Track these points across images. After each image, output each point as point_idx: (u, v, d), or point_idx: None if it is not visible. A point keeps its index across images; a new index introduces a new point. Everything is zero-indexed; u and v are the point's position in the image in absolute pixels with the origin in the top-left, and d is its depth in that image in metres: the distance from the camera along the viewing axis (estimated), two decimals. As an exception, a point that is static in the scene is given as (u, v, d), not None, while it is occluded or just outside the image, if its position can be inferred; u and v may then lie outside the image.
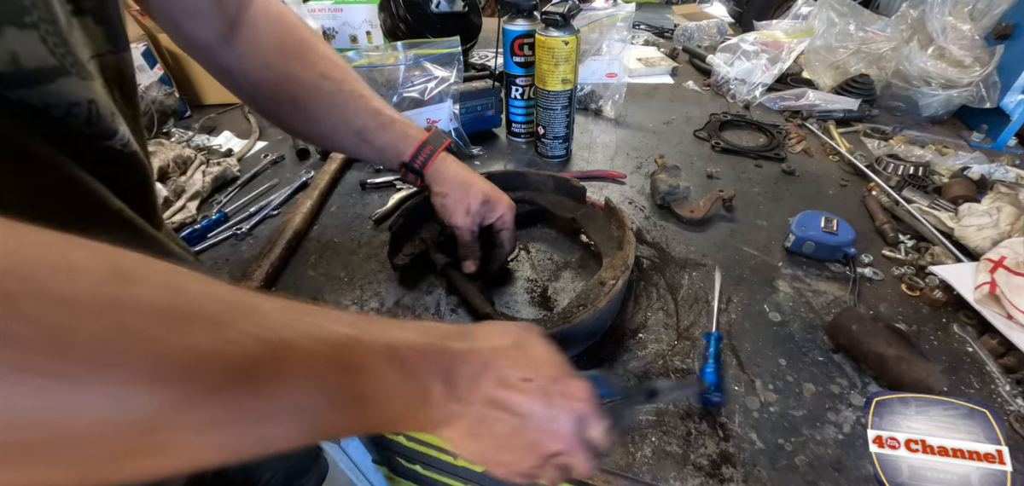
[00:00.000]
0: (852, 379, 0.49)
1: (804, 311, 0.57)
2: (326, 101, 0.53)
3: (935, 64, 0.95)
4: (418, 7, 1.08)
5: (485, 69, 1.20)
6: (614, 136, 0.96)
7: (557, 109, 0.80)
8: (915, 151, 0.85)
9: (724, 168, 0.85)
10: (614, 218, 0.61)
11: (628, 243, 0.55)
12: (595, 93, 1.05)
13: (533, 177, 0.71)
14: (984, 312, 0.53)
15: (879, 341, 0.48)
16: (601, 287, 0.51)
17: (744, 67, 1.12)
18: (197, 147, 0.88)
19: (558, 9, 0.72)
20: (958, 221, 0.66)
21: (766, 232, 0.69)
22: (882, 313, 0.56)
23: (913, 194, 0.74)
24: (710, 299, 0.57)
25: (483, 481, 0.67)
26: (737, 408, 0.47)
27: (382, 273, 0.62)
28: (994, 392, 0.48)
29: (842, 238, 0.62)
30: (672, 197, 0.72)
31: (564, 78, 0.77)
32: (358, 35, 1.34)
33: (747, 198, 0.77)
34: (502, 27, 0.80)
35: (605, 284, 0.51)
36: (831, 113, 1.01)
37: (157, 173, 0.75)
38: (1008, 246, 0.57)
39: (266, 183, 0.80)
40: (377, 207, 0.73)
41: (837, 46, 1.09)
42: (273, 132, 0.97)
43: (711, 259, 0.64)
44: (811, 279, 0.61)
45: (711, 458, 0.43)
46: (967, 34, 0.93)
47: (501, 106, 0.93)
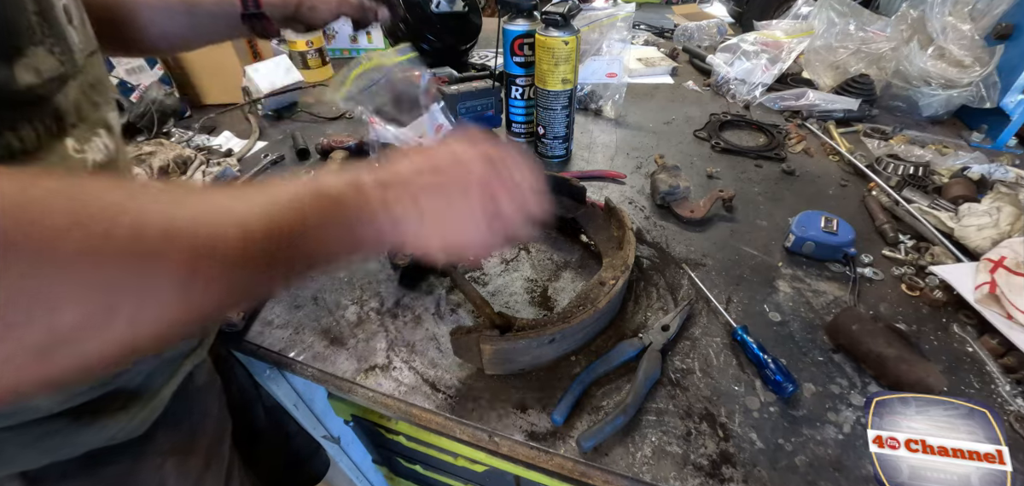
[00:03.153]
0: (852, 379, 0.49)
1: (804, 311, 0.57)
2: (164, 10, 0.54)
3: (935, 64, 0.95)
4: (418, 7, 1.08)
5: (485, 69, 1.20)
6: (614, 136, 0.96)
7: (557, 109, 0.80)
8: (915, 151, 0.85)
9: (724, 168, 0.85)
10: (614, 218, 0.61)
11: (628, 243, 0.55)
12: (595, 93, 1.05)
13: None
14: (984, 312, 0.53)
15: (879, 341, 0.48)
16: (601, 287, 0.51)
17: (744, 67, 1.12)
18: (197, 147, 0.88)
19: (558, 9, 0.72)
20: (958, 221, 0.66)
21: (766, 232, 0.69)
22: (882, 313, 0.56)
23: (913, 194, 0.74)
24: (710, 299, 0.57)
25: (483, 481, 0.67)
26: (737, 408, 0.46)
27: (382, 273, 0.62)
28: (994, 392, 0.48)
29: (842, 238, 0.62)
30: (672, 197, 0.72)
31: (564, 78, 0.77)
32: (358, 35, 1.34)
33: (747, 198, 0.77)
34: (502, 27, 0.80)
35: (605, 284, 0.51)
36: (831, 113, 1.01)
37: (157, 173, 0.75)
38: (1008, 246, 0.57)
39: (266, 183, 0.80)
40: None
41: (837, 46, 1.09)
42: (273, 132, 0.97)
43: (711, 259, 0.64)
44: (811, 279, 0.61)
45: (711, 458, 0.43)
46: (967, 34, 0.93)
47: (501, 106, 0.93)
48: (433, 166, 0.33)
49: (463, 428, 0.47)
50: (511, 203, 0.34)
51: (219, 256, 0.23)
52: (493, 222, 0.34)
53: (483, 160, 0.34)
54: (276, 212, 0.26)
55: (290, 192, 0.28)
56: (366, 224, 0.31)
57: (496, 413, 0.47)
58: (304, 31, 0.69)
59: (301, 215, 0.27)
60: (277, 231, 0.26)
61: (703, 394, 0.48)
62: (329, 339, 0.54)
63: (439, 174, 0.33)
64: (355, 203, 0.30)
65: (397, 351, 0.53)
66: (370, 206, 0.31)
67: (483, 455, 0.48)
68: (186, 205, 0.24)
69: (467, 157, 0.34)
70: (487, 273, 0.63)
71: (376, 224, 0.31)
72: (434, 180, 0.33)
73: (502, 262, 0.64)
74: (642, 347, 0.50)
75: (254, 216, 0.25)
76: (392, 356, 0.52)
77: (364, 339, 0.54)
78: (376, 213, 0.31)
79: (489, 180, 0.34)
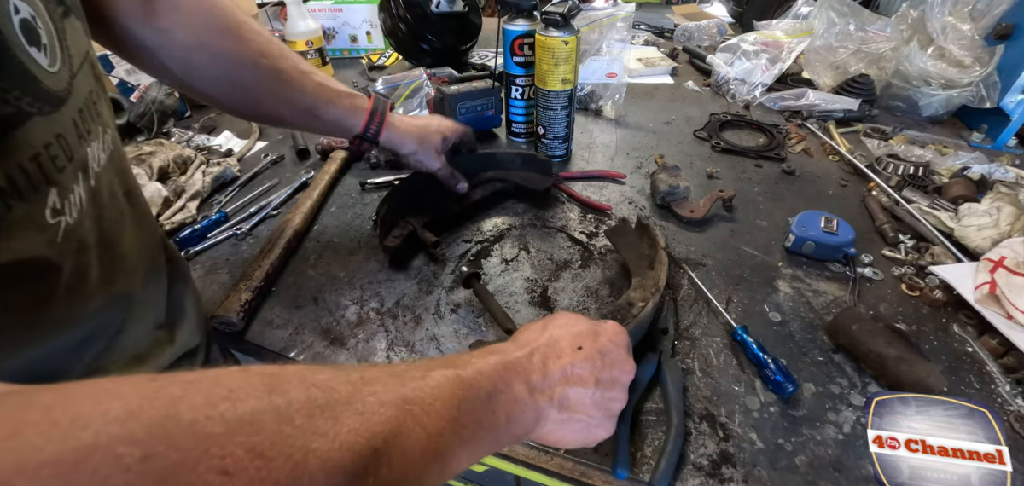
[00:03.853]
0: (852, 379, 0.49)
1: (804, 311, 0.57)
2: (269, 80, 0.53)
3: (935, 64, 0.95)
4: (418, 7, 1.08)
5: (485, 69, 1.20)
6: (614, 136, 0.96)
7: (557, 109, 0.80)
8: (915, 151, 0.85)
9: (724, 168, 0.85)
10: (646, 236, 0.59)
11: (660, 263, 0.54)
12: (595, 93, 1.05)
13: (501, 156, 0.76)
14: (984, 312, 0.53)
15: (879, 341, 0.48)
16: (629, 308, 0.48)
17: (744, 67, 1.12)
18: (197, 147, 0.88)
19: (558, 9, 0.72)
20: (958, 221, 0.66)
21: (766, 232, 0.69)
22: (882, 313, 0.56)
23: (913, 194, 0.74)
24: (710, 299, 0.57)
25: (483, 481, 0.67)
26: (737, 408, 0.46)
27: (382, 273, 0.62)
28: (994, 392, 0.48)
29: (842, 238, 0.62)
30: (672, 197, 0.72)
31: (564, 78, 0.77)
32: (358, 35, 1.34)
33: (747, 198, 0.77)
34: (502, 27, 0.80)
35: (634, 305, 0.49)
36: (831, 113, 1.01)
37: (157, 173, 0.75)
38: (1008, 246, 0.57)
39: (266, 183, 0.80)
40: (376, 208, 0.73)
41: (837, 46, 1.09)
42: (273, 132, 0.97)
43: (711, 259, 0.64)
44: (811, 279, 0.61)
45: (711, 458, 0.43)
46: (967, 34, 0.93)
47: (501, 106, 0.93)
48: (572, 363, 0.35)
49: (463, 428, 0.47)
50: (624, 396, 0.38)
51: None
52: (615, 416, 0.37)
53: (623, 362, 0.38)
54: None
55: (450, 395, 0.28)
56: (514, 424, 0.32)
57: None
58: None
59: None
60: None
61: (703, 394, 0.48)
62: (329, 339, 0.54)
63: (579, 370, 0.35)
64: (507, 397, 0.32)
65: (397, 351, 0.53)
66: (521, 403, 0.32)
67: (483, 455, 0.48)
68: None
69: (599, 349, 0.37)
70: (487, 273, 0.63)
71: (523, 422, 0.33)
72: (577, 377, 0.35)
73: (502, 262, 0.64)
74: (658, 358, 0.49)
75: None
76: (392, 356, 0.52)
77: (364, 339, 0.54)
78: (525, 409, 0.32)
79: (617, 377, 0.37)
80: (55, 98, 0.28)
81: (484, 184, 0.74)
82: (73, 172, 0.29)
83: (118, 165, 0.38)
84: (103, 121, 0.35)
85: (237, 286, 0.57)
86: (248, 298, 0.55)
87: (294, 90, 0.54)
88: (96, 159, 0.33)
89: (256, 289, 0.57)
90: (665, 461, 0.41)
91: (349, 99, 0.59)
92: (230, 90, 0.52)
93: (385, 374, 0.26)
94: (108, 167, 0.35)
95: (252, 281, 0.57)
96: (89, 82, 0.33)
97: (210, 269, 0.64)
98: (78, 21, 0.33)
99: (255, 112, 0.57)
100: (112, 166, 0.36)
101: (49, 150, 0.27)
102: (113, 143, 0.37)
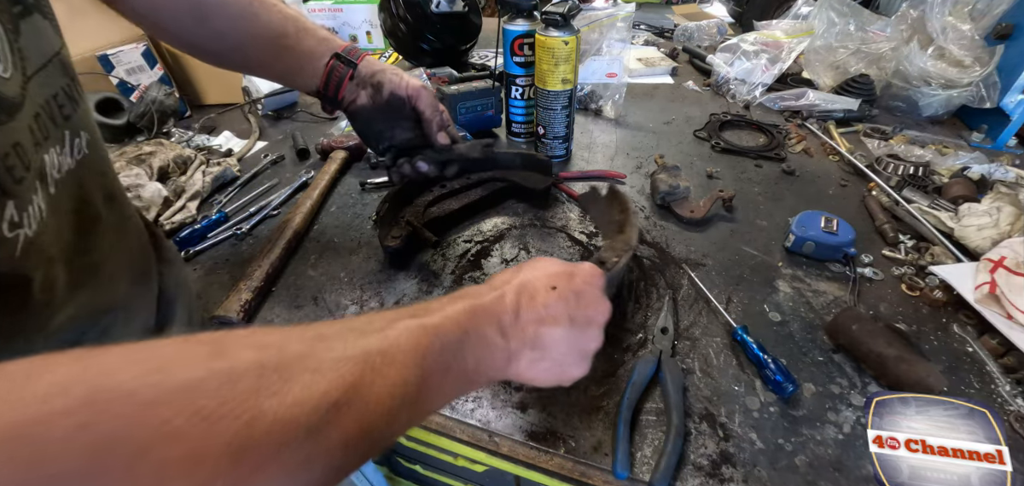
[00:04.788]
0: (852, 379, 0.49)
1: (804, 311, 0.57)
2: (235, 7, 0.50)
3: (935, 64, 0.95)
4: (418, 7, 1.08)
5: (485, 69, 1.20)
6: (614, 136, 0.96)
7: (557, 109, 0.80)
8: (915, 151, 0.85)
9: (724, 168, 0.85)
10: (616, 202, 0.60)
11: (631, 226, 0.54)
12: (595, 93, 1.05)
13: (502, 156, 0.75)
14: (984, 312, 0.53)
15: (879, 341, 0.48)
16: (602, 265, 0.48)
17: (744, 67, 1.12)
18: (197, 147, 0.88)
19: (558, 9, 0.72)
20: (958, 221, 0.66)
21: (766, 232, 0.69)
22: (882, 313, 0.56)
23: (913, 194, 0.74)
24: (710, 299, 0.57)
25: (483, 481, 0.67)
26: (737, 408, 0.46)
27: (382, 273, 0.62)
28: (994, 392, 0.48)
29: (842, 238, 0.62)
30: (672, 197, 0.72)
31: (564, 78, 0.77)
32: (358, 35, 1.34)
33: (747, 198, 0.77)
34: (502, 27, 0.80)
35: (606, 262, 0.49)
36: (831, 113, 1.01)
37: (157, 173, 0.75)
38: (1008, 246, 0.57)
39: (266, 183, 0.80)
40: (376, 208, 0.73)
41: (837, 46, 1.09)
42: (273, 132, 0.97)
43: (711, 259, 0.64)
44: (811, 279, 0.61)
45: (711, 458, 0.43)
46: (967, 34, 0.93)
47: (501, 106, 0.93)
48: (545, 303, 0.34)
49: (463, 428, 0.47)
50: (599, 336, 0.37)
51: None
52: (589, 355, 0.36)
53: (598, 301, 0.37)
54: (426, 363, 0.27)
55: (415, 341, 0.28)
56: (485, 367, 0.32)
57: (496, 413, 0.47)
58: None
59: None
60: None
61: (703, 394, 0.48)
62: (329, 339, 0.54)
63: (553, 311, 0.34)
64: (476, 340, 0.31)
65: (397, 351, 0.53)
66: (491, 345, 0.32)
67: (483, 455, 0.48)
68: None
69: (574, 290, 0.36)
70: (487, 273, 0.63)
71: (494, 364, 0.32)
72: (551, 317, 0.34)
73: (502, 262, 0.64)
74: (658, 358, 0.49)
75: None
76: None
77: (364, 339, 0.54)
78: (495, 351, 0.32)
79: (592, 316, 0.36)
80: (8, 105, 0.27)
81: (484, 184, 0.74)
82: (32, 182, 0.28)
83: (96, 168, 0.36)
84: (73, 125, 0.33)
85: (237, 286, 0.57)
86: (248, 298, 0.55)
87: (261, 19, 0.51)
88: (55, 166, 0.31)
89: (256, 289, 0.57)
90: (665, 461, 0.41)
91: (322, 31, 0.57)
92: (193, 26, 0.49)
93: (345, 329, 0.26)
94: (77, 172, 0.33)
95: (252, 281, 0.57)
96: (54, 83, 0.32)
97: (210, 269, 0.64)
98: (44, 19, 0.32)
99: (222, 47, 0.53)
100: (87, 170, 0.34)
101: (6, 161, 0.26)
102: (89, 146, 0.35)
